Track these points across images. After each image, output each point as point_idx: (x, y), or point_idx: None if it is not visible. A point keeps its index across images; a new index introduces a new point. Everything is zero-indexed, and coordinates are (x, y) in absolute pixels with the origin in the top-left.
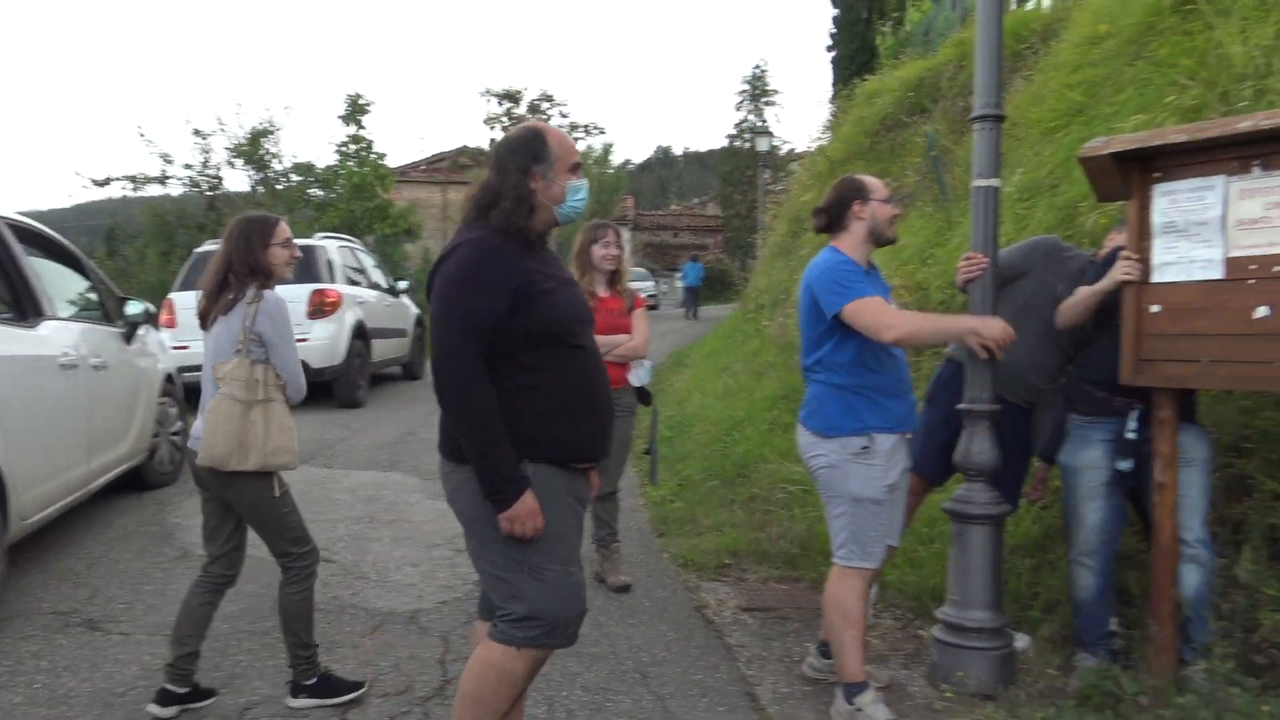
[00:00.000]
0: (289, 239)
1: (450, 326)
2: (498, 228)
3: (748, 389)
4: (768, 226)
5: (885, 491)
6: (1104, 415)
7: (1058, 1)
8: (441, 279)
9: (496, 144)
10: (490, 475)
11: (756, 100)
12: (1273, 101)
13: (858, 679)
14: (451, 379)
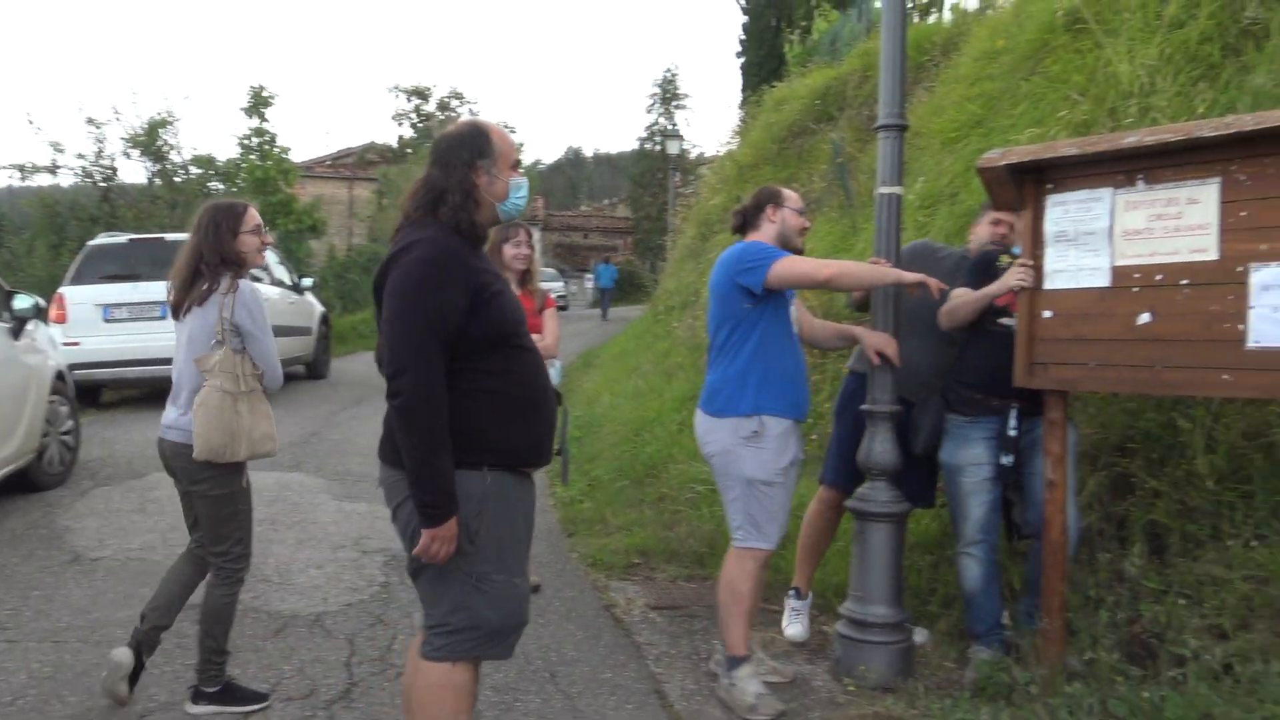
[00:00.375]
0: (259, 226)
1: (415, 326)
2: (447, 225)
3: (657, 390)
4: (677, 229)
5: (778, 474)
6: (983, 415)
7: (958, 16)
8: (400, 278)
9: (437, 139)
10: (431, 488)
11: (667, 104)
12: (1156, 119)
13: (739, 653)
14: (415, 381)
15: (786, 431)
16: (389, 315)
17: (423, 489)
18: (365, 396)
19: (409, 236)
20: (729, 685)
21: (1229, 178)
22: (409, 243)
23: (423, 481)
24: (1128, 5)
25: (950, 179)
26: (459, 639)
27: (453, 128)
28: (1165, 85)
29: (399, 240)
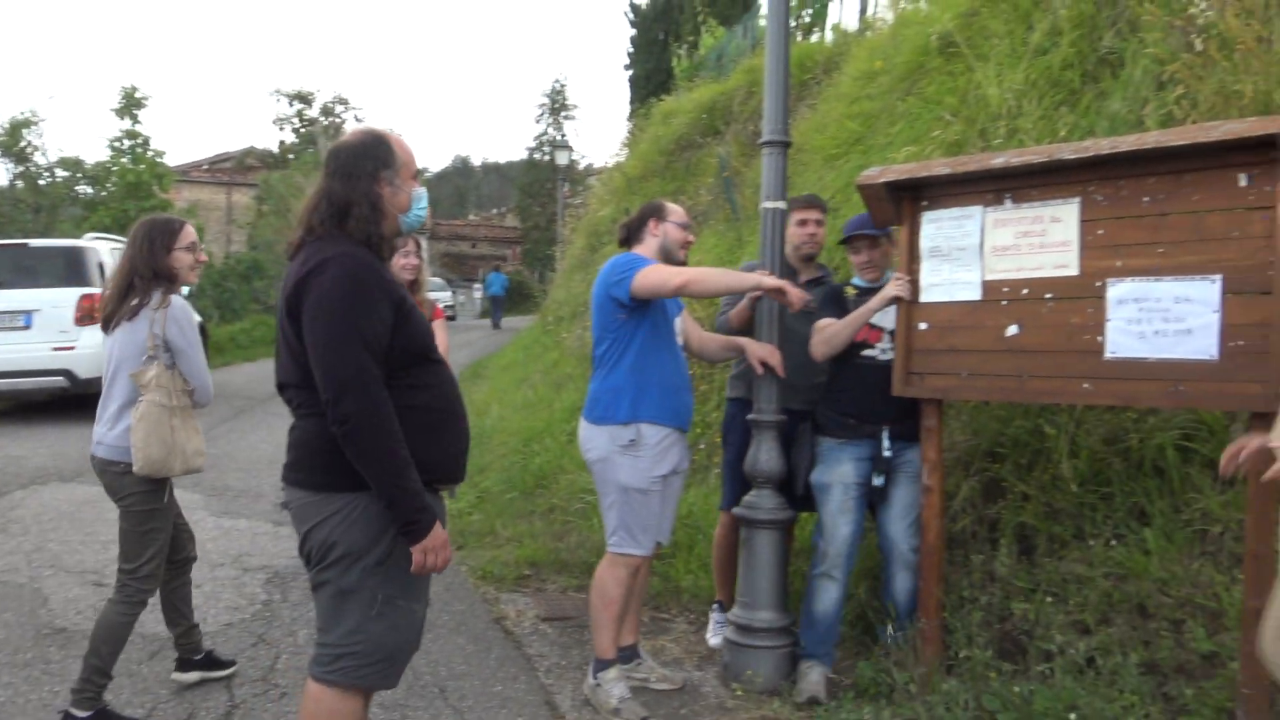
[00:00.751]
0: (194, 243)
1: (351, 347)
2: (356, 239)
3: (547, 400)
4: (567, 240)
5: (654, 483)
6: (855, 438)
7: (839, 36)
8: (323, 299)
9: (335, 149)
10: (407, 506)
11: (556, 114)
12: (1023, 140)
13: (606, 656)
14: (361, 402)
15: (665, 440)
16: (318, 339)
17: (400, 510)
18: (244, 409)
19: (318, 253)
20: (594, 686)
21: (1087, 198)
22: (321, 260)
23: (398, 503)
24: (997, 31)
25: (832, 194)
26: (352, 663)
27: (352, 137)
28: (1031, 109)
29: (306, 257)
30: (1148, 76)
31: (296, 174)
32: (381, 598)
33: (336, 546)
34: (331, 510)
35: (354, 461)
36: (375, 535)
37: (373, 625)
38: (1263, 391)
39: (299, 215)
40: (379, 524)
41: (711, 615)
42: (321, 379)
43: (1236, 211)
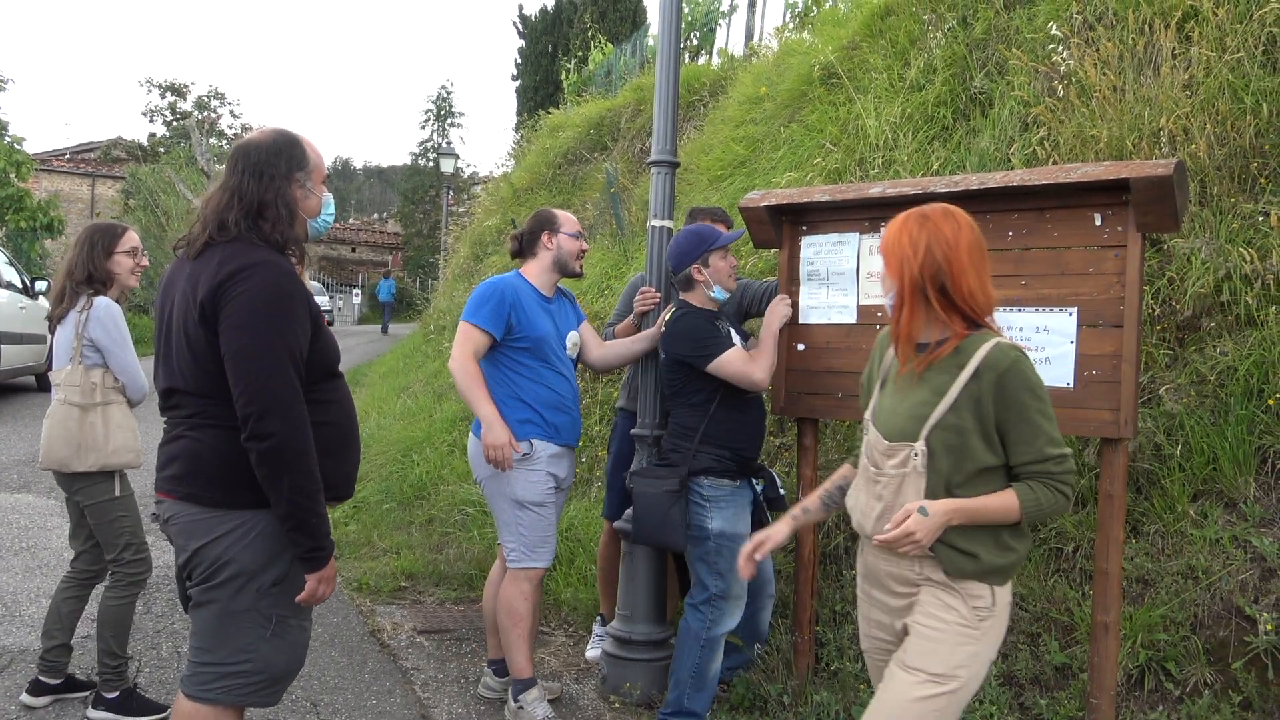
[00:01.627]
0: (136, 248)
1: (277, 362)
2: (271, 242)
3: (427, 410)
4: (450, 248)
5: (547, 494)
6: (745, 476)
7: (725, 60)
8: (248, 310)
9: (245, 146)
10: (315, 532)
11: (442, 120)
12: (899, 171)
13: (523, 675)
14: (286, 420)
15: (556, 455)
16: (242, 350)
17: (312, 535)
18: None
19: (237, 257)
20: (517, 709)
21: None
22: (242, 266)
23: (309, 527)
24: (876, 65)
25: None
26: (238, 683)
27: (263, 136)
28: (906, 141)
29: (222, 260)
30: (1014, 117)
31: (167, 168)
32: (275, 619)
33: (229, 565)
34: (227, 528)
35: (267, 481)
36: (271, 555)
37: (264, 646)
38: (1113, 418)
39: (203, 211)
40: (275, 544)
41: (594, 628)
42: (244, 393)
43: (1092, 249)
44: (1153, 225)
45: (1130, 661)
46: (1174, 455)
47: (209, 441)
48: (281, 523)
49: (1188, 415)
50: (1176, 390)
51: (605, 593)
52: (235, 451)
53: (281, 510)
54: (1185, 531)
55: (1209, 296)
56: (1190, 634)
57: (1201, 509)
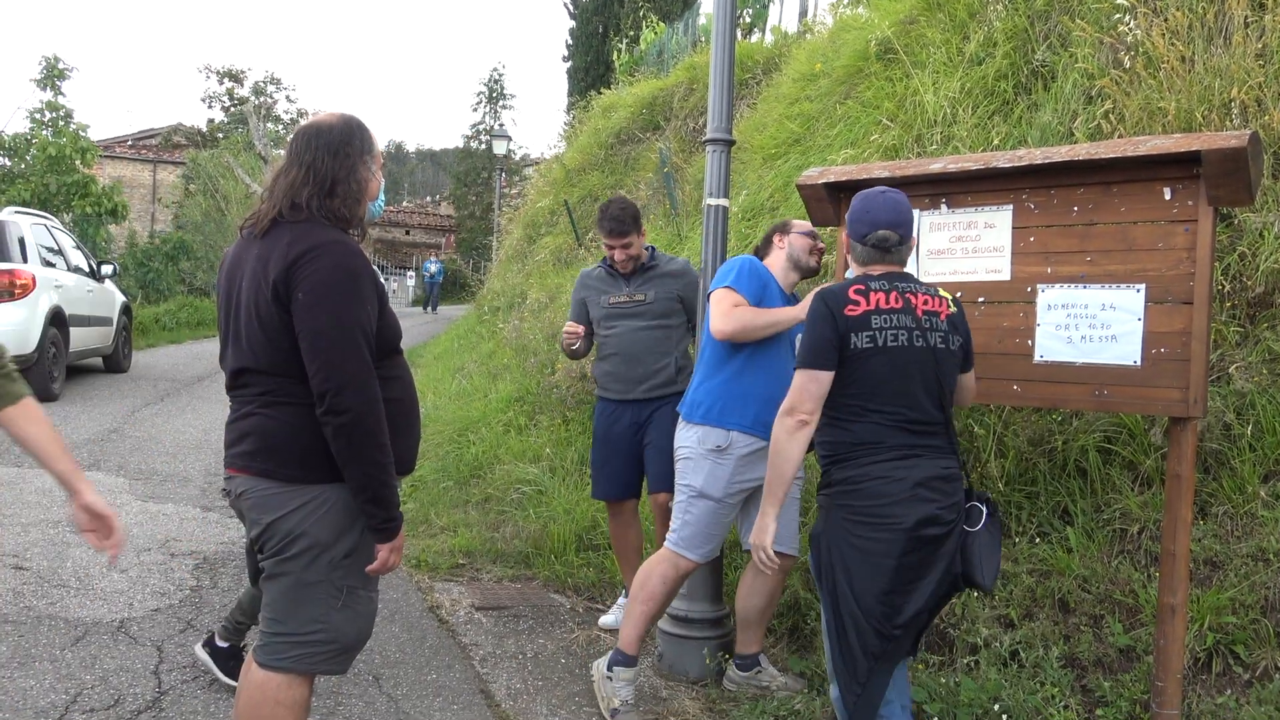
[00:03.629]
0: None
1: (352, 340)
2: (338, 221)
3: (482, 390)
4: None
5: (730, 494)
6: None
7: (778, 38)
8: (323, 287)
9: (315, 127)
10: (388, 504)
11: (494, 103)
12: (958, 147)
13: (625, 649)
14: (361, 396)
15: (756, 453)
16: (319, 329)
17: (385, 507)
18: (169, 392)
19: (306, 237)
20: (605, 677)
21: (1020, 205)
22: (313, 245)
23: (383, 500)
24: (934, 40)
25: (771, 193)
26: (310, 651)
27: (332, 119)
28: (965, 117)
29: (293, 239)
30: (1077, 90)
31: (226, 153)
32: (346, 589)
33: (303, 538)
34: (301, 501)
35: (343, 455)
36: (343, 528)
37: (335, 616)
38: (1182, 397)
39: (271, 190)
40: (347, 517)
41: (620, 599)
42: (320, 369)
43: (1160, 224)
44: (1225, 199)
45: (1197, 645)
46: (1244, 435)
47: (283, 418)
48: (356, 495)
49: (1259, 394)
50: (1247, 368)
51: (625, 567)
52: (308, 427)
53: (357, 483)
54: (1255, 513)
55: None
56: (1260, 617)
57: (1273, 490)
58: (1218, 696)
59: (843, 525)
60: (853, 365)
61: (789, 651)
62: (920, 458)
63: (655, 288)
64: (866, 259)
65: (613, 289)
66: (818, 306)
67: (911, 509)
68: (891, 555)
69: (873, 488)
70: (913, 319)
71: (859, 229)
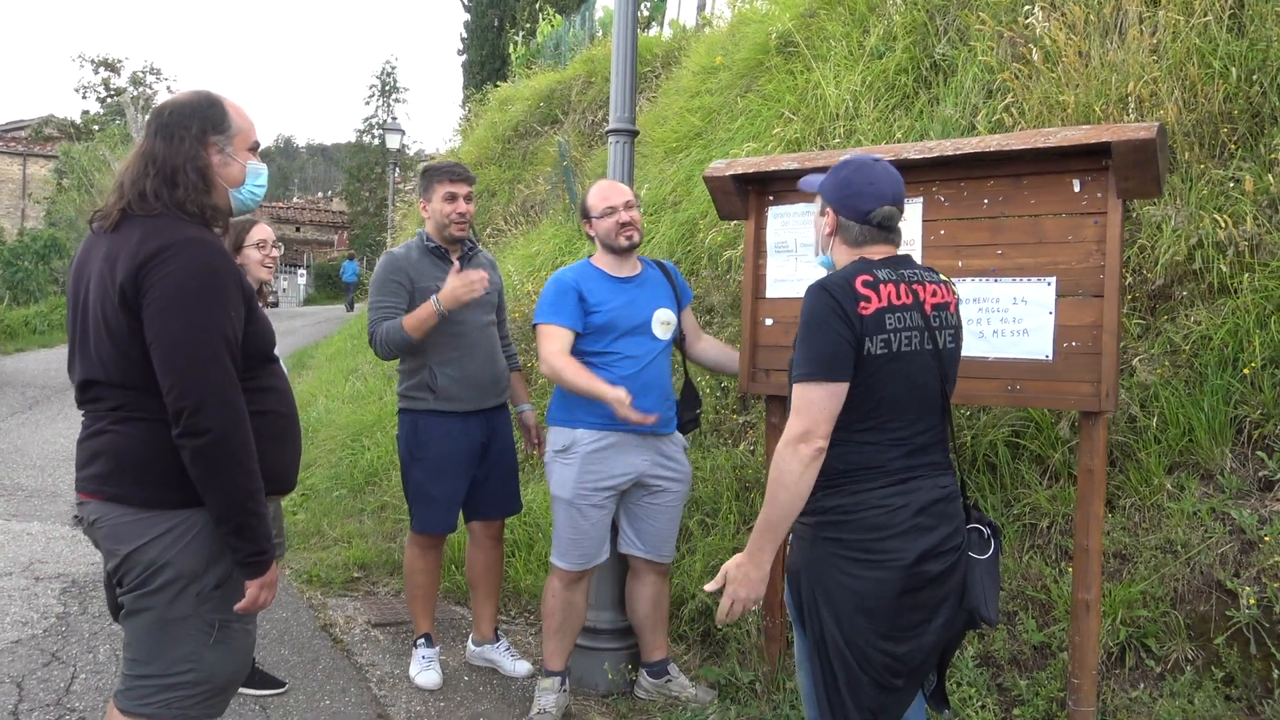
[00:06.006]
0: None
1: (211, 350)
2: (189, 212)
3: (377, 392)
4: (398, 226)
5: (581, 496)
6: None
7: (677, 31)
8: (177, 291)
9: (160, 107)
10: (256, 534)
11: (387, 96)
12: (860, 140)
13: (548, 666)
14: (223, 413)
15: (605, 447)
16: (173, 338)
17: (252, 539)
18: (38, 400)
19: (160, 234)
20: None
21: (930, 198)
22: (168, 244)
23: (249, 530)
24: (834, 33)
25: (673, 187)
26: (179, 695)
27: (179, 96)
28: (868, 110)
29: (144, 236)
30: (977, 85)
31: (102, 146)
32: (218, 624)
33: (166, 569)
34: (163, 528)
35: (202, 482)
36: (212, 556)
37: (206, 654)
38: (1093, 391)
39: (119, 181)
40: (217, 543)
41: (419, 649)
42: (175, 385)
43: (1070, 216)
44: (1134, 191)
45: (1110, 639)
46: (1150, 427)
47: (137, 435)
48: (219, 525)
49: (1162, 386)
50: (1150, 361)
51: (422, 608)
52: (167, 445)
53: (218, 513)
54: (1162, 505)
55: (1181, 265)
56: (1170, 609)
57: (1178, 481)
58: (1131, 691)
59: (830, 560)
60: (859, 376)
61: (700, 659)
62: (920, 479)
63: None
64: (864, 239)
65: (445, 274)
66: (824, 302)
67: (912, 542)
68: (889, 595)
69: (868, 518)
70: (921, 316)
71: (861, 203)
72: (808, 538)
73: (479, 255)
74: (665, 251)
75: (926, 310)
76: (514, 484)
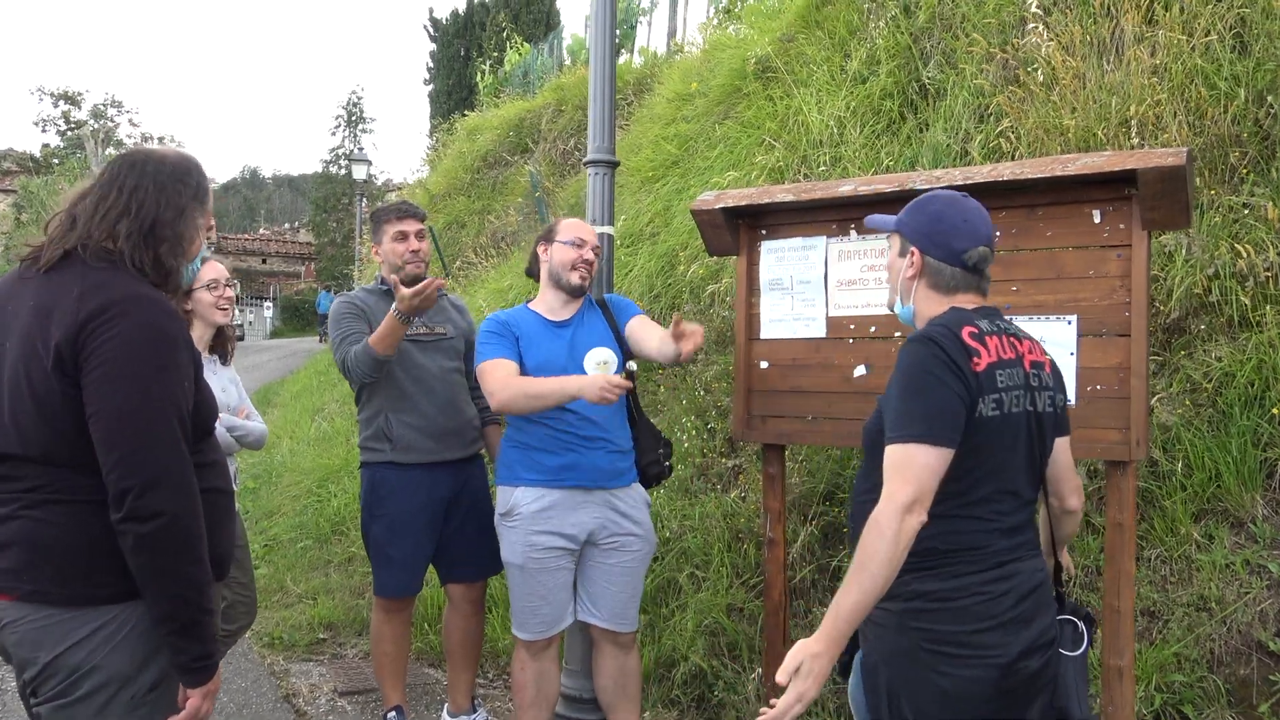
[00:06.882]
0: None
1: (168, 425)
2: (149, 272)
3: (344, 434)
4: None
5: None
6: None
7: (648, 59)
8: (124, 355)
9: (145, 157)
10: (204, 635)
11: (353, 126)
12: (847, 168)
13: None
14: (181, 501)
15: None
16: (119, 408)
17: (199, 639)
18: None
19: (108, 289)
20: None
21: None
22: (115, 300)
23: (198, 629)
24: (814, 58)
25: (650, 218)
26: None
27: (169, 153)
28: (853, 136)
29: (84, 290)
30: (967, 109)
31: (61, 180)
32: None
33: (94, 674)
34: (91, 628)
35: (147, 573)
36: (147, 654)
37: None
38: (1122, 438)
39: (69, 215)
40: (151, 638)
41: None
42: (122, 460)
43: (1091, 250)
44: (1161, 221)
45: (1144, 707)
46: (1175, 472)
47: (60, 521)
48: (161, 624)
49: (1184, 427)
50: (1169, 400)
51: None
52: (96, 532)
53: (163, 609)
54: (1191, 556)
55: (1197, 296)
56: (1208, 673)
57: (1206, 530)
58: None
59: (919, 655)
60: (967, 441)
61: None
62: (1018, 561)
63: (450, 321)
64: (955, 285)
65: None
66: (931, 353)
67: (1014, 636)
68: (983, 696)
69: (969, 607)
70: (1022, 374)
71: (955, 242)
72: (892, 626)
73: (444, 298)
74: (644, 285)
75: (1026, 367)
76: (491, 542)
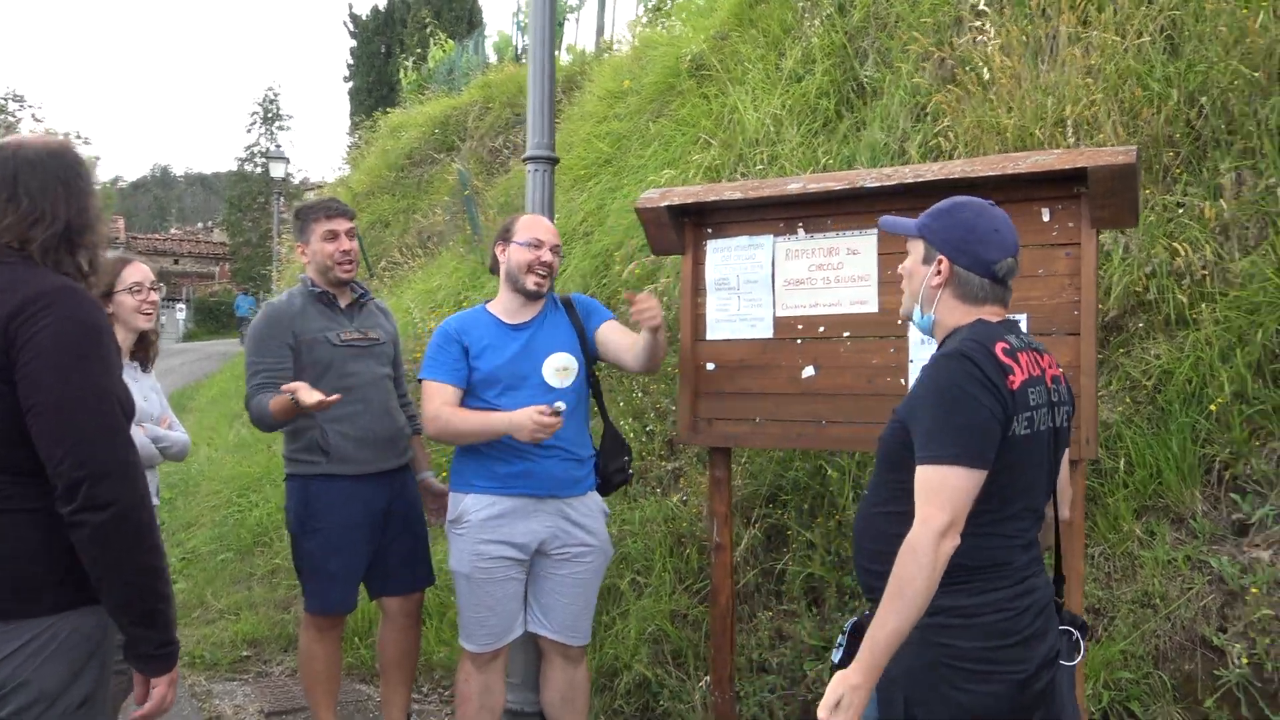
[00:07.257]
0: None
1: (113, 414)
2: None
3: (265, 440)
4: (283, 258)
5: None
6: None
7: (576, 57)
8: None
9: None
10: (165, 625)
11: (270, 124)
12: (784, 167)
13: None
14: (131, 490)
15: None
16: (63, 400)
17: (160, 627)
18: None
19: (31, 282)
20: None
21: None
22: (42, 293)
23: (158, 616)
24: (749, 56)
25: (584, 217)
26: None
27: (45, 140)
28: (790, 135)
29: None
30: (904, 108)
31: None
32: None
33: (22, 691)
34: (19, 643)
35: (102, 564)
36: (77, 668)
37: None
38: (1073, 437)
39: None
40: (80, 652)
41: None
42: (71, 453)
43: (1040, 248)
44: (1109, 220)
45: (1092, 705)
46: (1117, 469)
47: None
48: (121, 614)
49: (1125, 425)
50: (1110, 398)
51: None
52: (28, 542)
53: (121, 599)
54: (1134, 553)
55: (1134, 295)
56: (1154, 669)
57: (1148, 526)
58: None
59: (940, 672)
60: (1000, 460)
61: None
62: (1035, 577)
63: (379, 326)
64: (983, 296)
65: (334, 323)
66: (966, 370)
67: (1033, 651)
68: (999, 714)
69: (994, 624)
70: (1046, 391)
71: (986, 252)
72: (914, 640)
73: (370, 303)
74: (579, 285)
75: (1048, 383)
76: (424, 552)
